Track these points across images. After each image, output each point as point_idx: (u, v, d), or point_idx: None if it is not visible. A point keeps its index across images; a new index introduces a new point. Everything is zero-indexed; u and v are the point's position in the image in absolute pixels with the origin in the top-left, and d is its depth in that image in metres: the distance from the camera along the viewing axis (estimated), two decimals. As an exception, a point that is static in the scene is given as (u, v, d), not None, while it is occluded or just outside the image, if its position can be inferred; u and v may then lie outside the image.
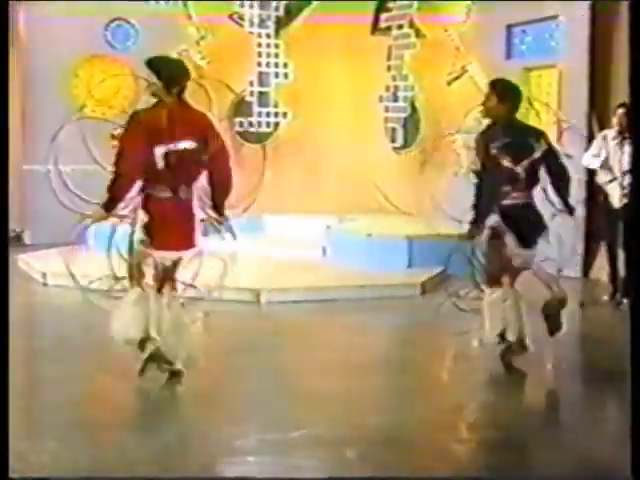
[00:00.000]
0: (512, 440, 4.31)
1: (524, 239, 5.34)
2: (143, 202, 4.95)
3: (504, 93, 5.41)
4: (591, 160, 7.55)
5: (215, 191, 5.06)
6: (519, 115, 5.57)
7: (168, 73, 4.93)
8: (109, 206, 4.85)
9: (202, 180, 5.05)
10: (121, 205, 4.92)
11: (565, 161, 5.57)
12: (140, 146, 4.83)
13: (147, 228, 4.93)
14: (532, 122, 9.38)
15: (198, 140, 4.91)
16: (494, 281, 5.45)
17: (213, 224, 5.13)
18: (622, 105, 7.12)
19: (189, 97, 5.09)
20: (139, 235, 4.95)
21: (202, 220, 5.11)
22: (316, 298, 7.59)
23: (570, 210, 5.59)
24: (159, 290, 5.06)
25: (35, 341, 6.44)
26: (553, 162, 5.44)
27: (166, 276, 5.08)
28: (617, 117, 7.26)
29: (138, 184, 4.91)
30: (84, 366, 5.50)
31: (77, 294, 7.65)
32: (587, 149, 7.86)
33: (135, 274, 5.05)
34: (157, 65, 4.96)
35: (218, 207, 5.08)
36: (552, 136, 8.94)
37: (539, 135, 5.45)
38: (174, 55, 10.97)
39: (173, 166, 4.86)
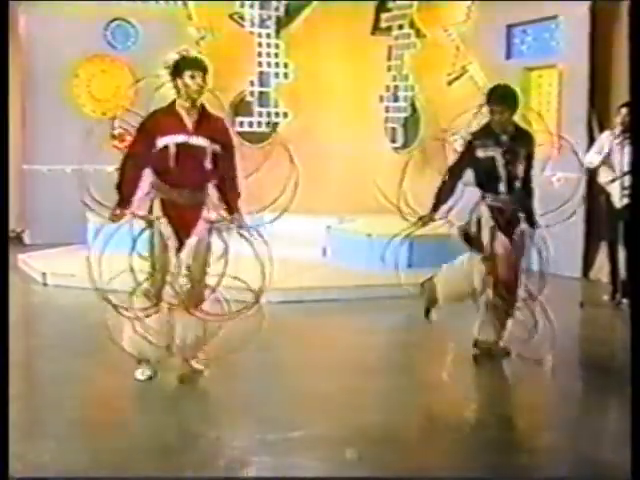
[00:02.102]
0: (512, 440, 4.31)
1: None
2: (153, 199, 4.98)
3: (497, 99, 5.47)
4: (592, 160, 7.55)
5: (226, 193, 5.12)
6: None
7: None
8: (121, 203, 4.89)
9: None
10: (135, 204, 4.95)
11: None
12: (143, 143, 4.91)
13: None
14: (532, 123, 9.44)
15: (213, 141, 4.96)
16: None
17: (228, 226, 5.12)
18: (626, 104, 7.09)
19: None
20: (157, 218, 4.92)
21: (212, 222, 5.08)
22: (316, 298, 7.58)
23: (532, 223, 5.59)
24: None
25: (35, 341, 6.43)
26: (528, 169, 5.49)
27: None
28: (620, 116, 7.24)
29: (148, 181, 4.95)
30: (84, 366, 5.50)
31: (77, 294, 7.69)
32: (588, 149, 7.86)
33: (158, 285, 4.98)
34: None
35: (230, 208, 5.12)
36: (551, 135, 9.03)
37: (530, 140, 5.52)
38: (174, 55, 11.05)
39: (181, 162, 4.89)
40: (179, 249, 4.95)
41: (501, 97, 5.45)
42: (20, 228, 10.91)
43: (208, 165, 4.96)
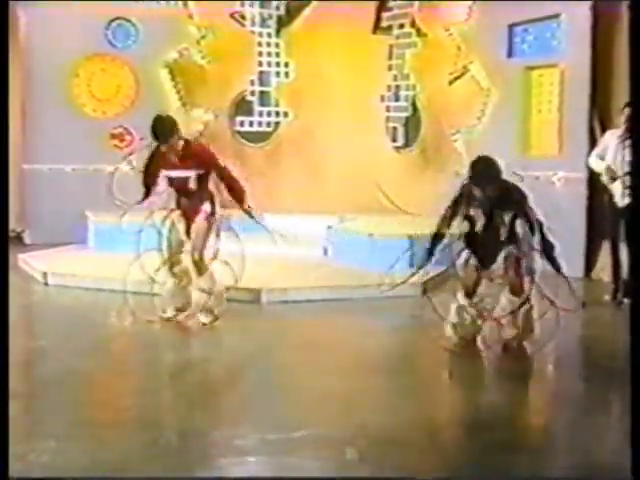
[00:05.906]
0: (512, 440, 4.30)
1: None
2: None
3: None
4: (596, 160, 7.53)
5: (234, 197, 6.50)
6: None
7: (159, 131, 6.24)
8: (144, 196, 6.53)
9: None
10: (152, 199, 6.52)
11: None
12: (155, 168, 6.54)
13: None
14: (533, 120, 9.46)
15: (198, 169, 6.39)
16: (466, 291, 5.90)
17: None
18: (629, 104, 7.03)
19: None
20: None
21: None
22: (316, 298, 7.58)
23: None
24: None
25: (35, 341, 6.42)
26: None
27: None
28: (624, 116, 7.20)
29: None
30: (84, 366, 5.49)
31: (77, 294, 7.70)
32: (589, 148, 7.85)
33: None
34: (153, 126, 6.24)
35: (241, 204, 6.49)
36: (552, 134, 9.04)
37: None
38: (175, 54, 11.06)
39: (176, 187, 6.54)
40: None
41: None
42: (20, 228, 10.89)
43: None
